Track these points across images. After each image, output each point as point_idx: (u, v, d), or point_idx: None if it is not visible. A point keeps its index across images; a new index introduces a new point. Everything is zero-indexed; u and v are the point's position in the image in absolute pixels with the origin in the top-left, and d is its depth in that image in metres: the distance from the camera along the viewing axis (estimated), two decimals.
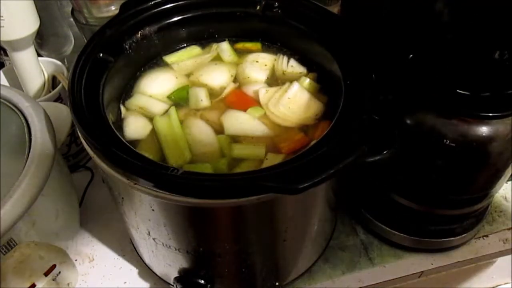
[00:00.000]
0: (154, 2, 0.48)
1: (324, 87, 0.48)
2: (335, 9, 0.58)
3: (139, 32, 0.47)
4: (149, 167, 0.34)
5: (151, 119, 0.45)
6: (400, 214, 0.52)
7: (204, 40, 0.53)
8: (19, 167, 0.42)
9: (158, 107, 0.46)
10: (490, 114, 0.40)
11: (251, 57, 0.51)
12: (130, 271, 0.54)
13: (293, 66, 0.50)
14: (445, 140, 0.42)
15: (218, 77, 0.49)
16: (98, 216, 0.58)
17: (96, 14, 0.60)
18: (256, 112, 0.45)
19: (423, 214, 0.50)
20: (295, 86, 0.46)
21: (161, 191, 0.34)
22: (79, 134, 0.38)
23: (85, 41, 0.45)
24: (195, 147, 0.43)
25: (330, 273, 0.53)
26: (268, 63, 0.50)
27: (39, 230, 0.43)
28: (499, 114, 0.40)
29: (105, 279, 0.53)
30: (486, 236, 0.57)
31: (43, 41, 0.70)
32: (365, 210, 0.55)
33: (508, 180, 0.56)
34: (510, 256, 0.58)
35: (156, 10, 0.48)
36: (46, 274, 0.43)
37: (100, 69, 0.42)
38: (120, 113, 0.46)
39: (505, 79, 0.42)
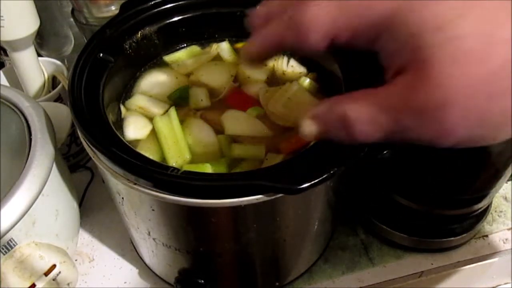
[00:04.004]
0: (154, 2, 0.48)
1: (324, 87, 0.48)
2: None
3: (139, 32, 0.47)
4: (149, 167, 0.34)
5: (151, 119, 0.45)
6: (400, 214, 0.52)
7: (204, 40, 0.53)
8: (19, 167, 0.42)
9: (158, 107, 0.46)
10: None
11: None
12: (130, 271, 0.54)
13: (293, 66, 0.50)
14: None
15: (218, 77, 0.49)
16: (98, 216, 0.58)
17: (96, 14, 0.60)
18: (256, 112, 0.45)
19: (423, 214, 0.51)
20: (295, 86, 0.46)
21: (161, 191, 0.34)
22: (79, 134, 0.38)
23: (85, 41, 0.45)
24: (195, 147, 0.43)
25: (330, 273, 0.53)
26: (268, 63, 0.50)
27: (39, 230, 0.43)
28: None
29: (105, 279, 0.53)
30: (486, 236, 0.57)
31: (43, 41, 0.70)
32: (365, 210, 0.55)
33: (508, 180, 0.56)
34: (510, 256, 0.58)
35: (156, 10, 0.48)
36: (46, 274, 0.43)
37: (100, 69, 0.42)
38: (120, 113, 0.46)
39: None
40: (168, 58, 0.51)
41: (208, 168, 0.40)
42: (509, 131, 0.23)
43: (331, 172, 0.31)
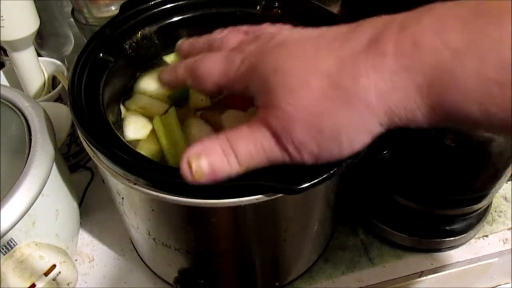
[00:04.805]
0: (154, 2, 0.48)
1: None
2: (335, 9, 0.58)
3: (139, 32, 0.47)
4: (149, 167, 0.34)
5: (151, 119, 0.45)
6: (400, 214, 0.52)
7: None
8: (19, 167, 0.42)
9: (158, 107, 0.46)
10: None
11: None
12: (130, 271, 0.54)
13: None
14: (445, 140, 0.42)
15: None
16: (98, 216, 0.58)
17: (96, 14, 0.60)
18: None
19: (423, 214, 0.51)
20: None
21: (161, 191, 0.34)
22: (79, 134, 0.38)
23: (85, 41, 0.45)
24: None
25: (330, 273, 0.53)
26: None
27: (39, 230, 0.43)
28: None
29: (105, 279, 0.53)
30: (486, 236, 0.57)
31: (43, 41, 0.70)
32: (365, 210, 0.55)
33: (508, 180, 0.56)
34: (510, 256, 0.58)
35: (156, 10, 0.48)
36: (46, 274, 0.43)
37: (100, 69, 0.42)
38: (120, 113, 0.46)
39: None
40: (168, 58, 0.51)
41: None
42: (350, 145, 0.28)
43: (331, 172, 0.31)
